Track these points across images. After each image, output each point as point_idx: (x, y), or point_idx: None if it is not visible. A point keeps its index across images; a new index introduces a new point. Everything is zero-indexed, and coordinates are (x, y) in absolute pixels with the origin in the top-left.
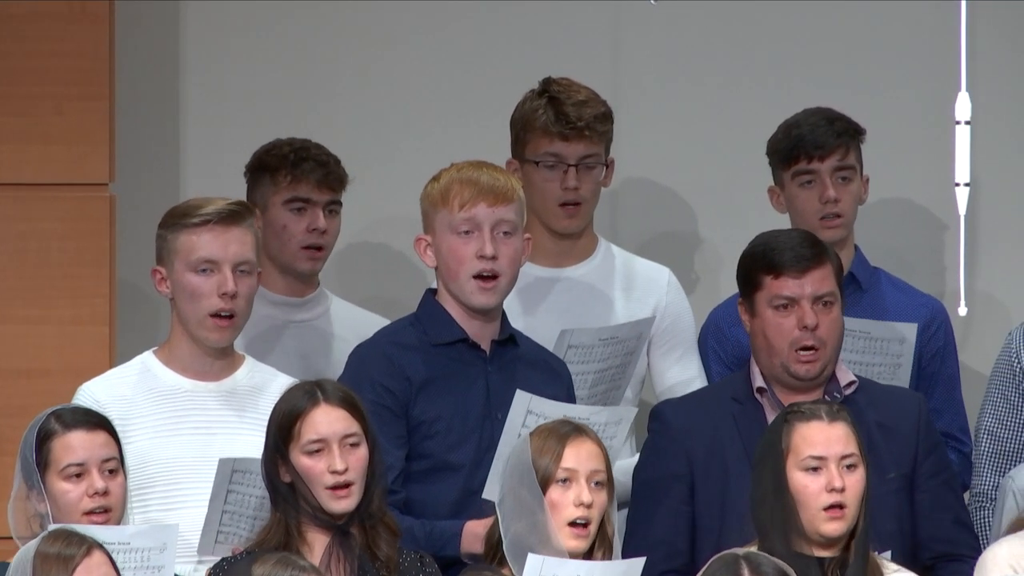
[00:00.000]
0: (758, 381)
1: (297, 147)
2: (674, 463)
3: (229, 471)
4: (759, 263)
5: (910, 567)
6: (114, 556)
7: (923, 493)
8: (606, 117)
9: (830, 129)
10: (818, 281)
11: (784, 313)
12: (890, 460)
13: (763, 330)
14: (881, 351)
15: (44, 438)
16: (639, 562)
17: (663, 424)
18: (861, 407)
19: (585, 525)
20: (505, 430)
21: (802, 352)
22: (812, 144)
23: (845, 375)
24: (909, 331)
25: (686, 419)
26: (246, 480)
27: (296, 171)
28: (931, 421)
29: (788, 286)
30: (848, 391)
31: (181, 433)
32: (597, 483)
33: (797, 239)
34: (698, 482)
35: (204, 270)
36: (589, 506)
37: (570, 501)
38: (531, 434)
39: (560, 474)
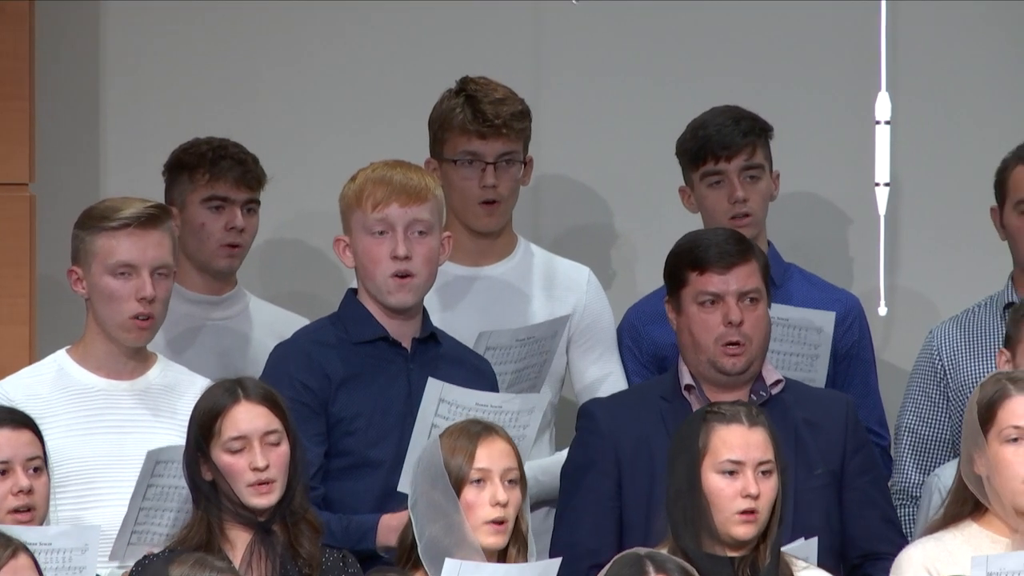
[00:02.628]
0: (686, 379)
1: (215, 146)
2: (602, 460)
3: (152, 464)
4: (685, 260)
5: (837, 564)
6: (36, 556)
7: (851, 491)
8: (524, 115)
9: (736, 129)
10: (744, 278)
11: (709, 309)
12: (818, 456)
13: (689, 327)
14: (799, 340)
15: None
16: (555, 563)
17: (592, 422)
18: (788, 405)
19: (502, 522)
20: (418, 419)
21: (728, 346)
22: (719, 145)
23: (772, 374)
24: (827, 320)
25: (615, 417)
26: (168, 471)
27: (214, 170)
28: (859, 421)
29: (713, 282)
30: (775, 390)
31: (96, 432)
32: (510, 481)
33: (723, 236)
34: (626, 479)
35: (122, 274)
36: (505, 505)
37: (486, 501)
38: (441, 435)
39: (474, 474)
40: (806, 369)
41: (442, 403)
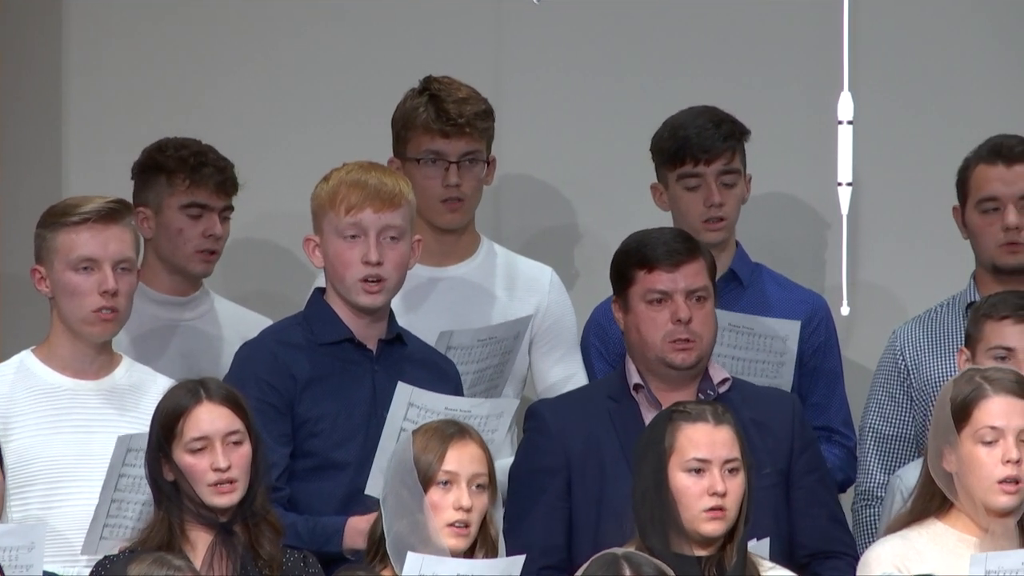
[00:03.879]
0: (634, 378)
1: (195, 151)
2: (551, 460)
3: (124, 450)
4: (632, 258)
5: (786, 563)
6: None
7: (798, 490)
8: (487, 114)
9: (717, 133)
10: (691, 276)
11: (657, 307)
12: (765, 456)
13: (637, 325)
14: (765, 348)
15: None
16: (519, 560)
17: (540, 422)
18: (735, 404)
19: (465, 526)
20: (387, 423)
21: (677, 342)
22: (699, 148)
23: (719, 372)
24: (792, 329)
25: (562, 417)
26: (139, 460)
27: (195, 176)
28: (805, 419)
29: (661, 280)
30: (722, 389)
31: (62, 431)
32: (478, 486)
33: (670, 235)
34: (575, 479)
35: (84, 268)
36: (468, 510)
37: (450, 503)
38: (414, 432)
39: (441, 476)
40: (772, 376)
41: (411, 407)
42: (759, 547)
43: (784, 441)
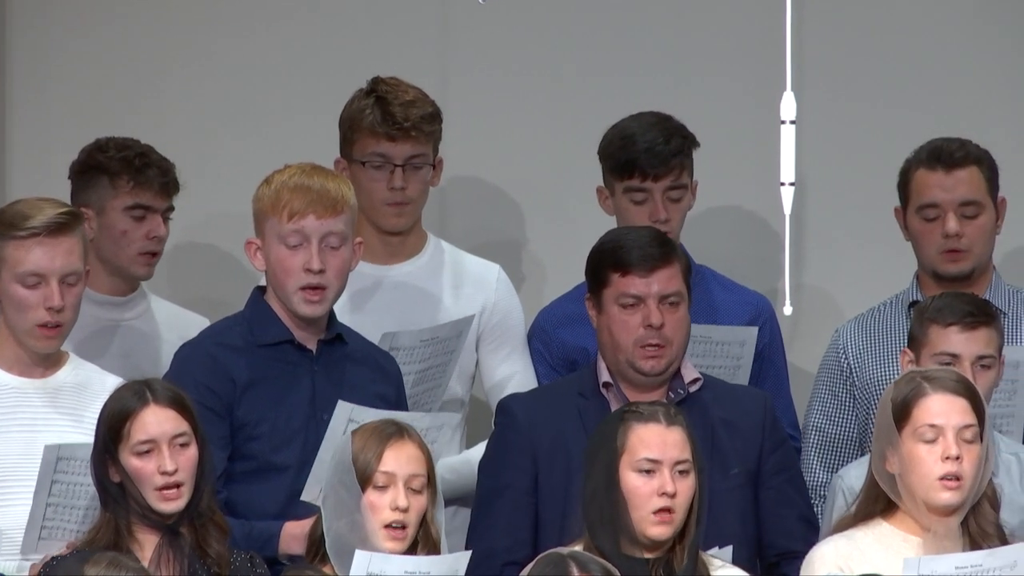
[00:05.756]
0: (604, 376)
1: (138, 152)
2: (519, 456)
3: (54, 459)
4: (607, 260)
5: (753, 563)
6: None
7: (767, 490)
8: (433, 117)
9: (667, 148)
10: (665, 280)
11: (630, 311)
12: (734, 456)
13: (609, 327)
14: (721, 354)
15: None
16: (464, 556)
17: (509, 417)
18: (706, 403)
19: (402, 527)
20: (326, 438)
21: (648, 348)
22: (647, 164)
23: (690, 372)
24: (749, 335)
25: (532, 413)
26: (72, 468)
27: (139, 178)
28: (776, 418)
29: (635, 284)
30: (693, 388)
31: (8, 430)
32: (416, 487)
33: (646, 237)
34: (542, 476)
35: (31, 284)
36: (405, 510)
37: (386, 504)
38: (354, 432)
39: (379, 477)
40: (728, 379)
41: (351, 423)
42: (721, 555)
43: (753, 440)
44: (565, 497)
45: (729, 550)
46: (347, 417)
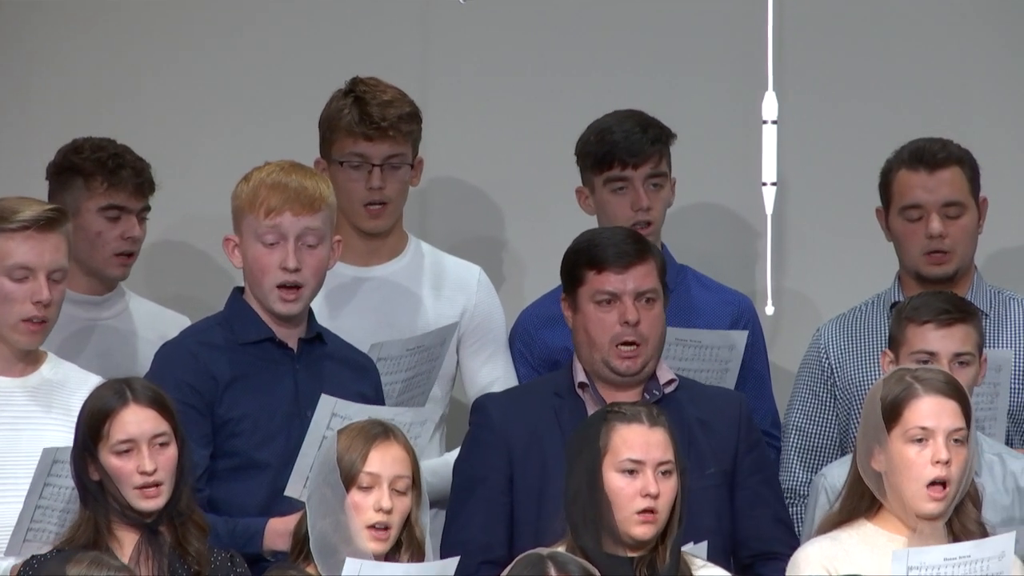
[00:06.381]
0: (580, 376)
1: (112, 152)
2: (494, 455)
3: (50, 462)
4: (582, 258)
5: (728, 564)
6: None
7: (743, 490)
8: (412, 117)
9: (644, 137)
10: (640, 277)
11: (606, 308)
12: (710, 456)
13: (585, 325)
14: (710, 358)
15: None
16: (453, 562)
17: (485, 417)
18: (682, 404)
19: (385, 529)
20: (309, 432)
21: (623, 347)
22: (626, 152)
23: (665, 373)
24: (739, 338)
25: (507, 412)
26: (64, 471)
27: (113, 179)
28: (752, 419)
29: (610, 281)
30: (668, 389)
31: None
32: (400, 488)
33: (621, 236)
34: (517, 475)
35: (19, 276)
36: (389, 512)
37: (370, 505)
38: (339, 432)
39: (363, 478)
40: (715, 383)
41: (335, 417)
42: (696, 550)
43: (729, 441)
44: (540, 497)
45: (704, 546)
46: (330, 411)
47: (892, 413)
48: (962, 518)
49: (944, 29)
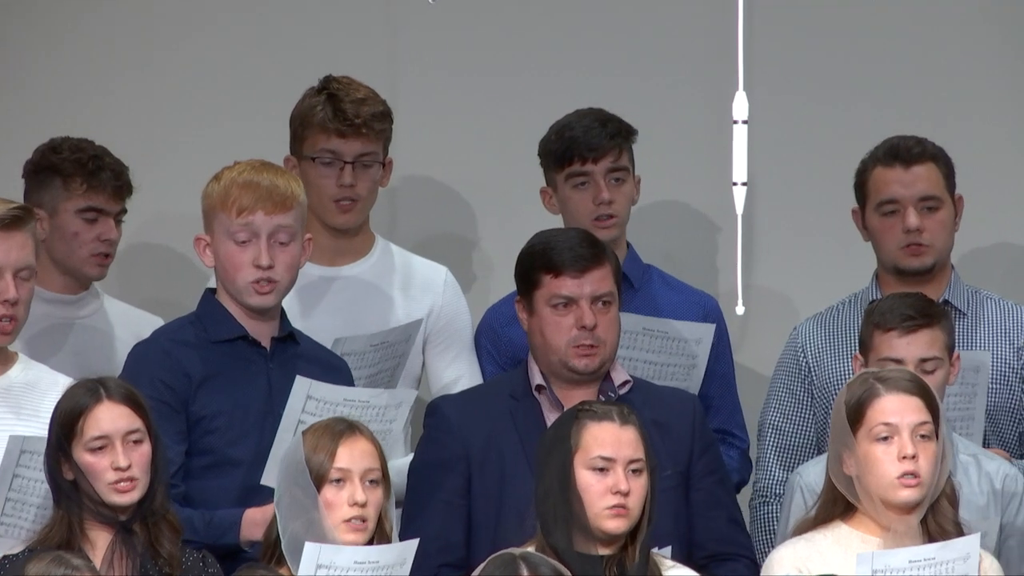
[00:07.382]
0: (536, 379)
1: (92, 154)
2: (450, 457)
3: (18, 450)
4: (538, 262)
5: (686, 561)
6: None
7: (697, 492)
8: (384, 116)
9: (603, 131)
10: (597, 281)
11: (562, 312)
12: (666, 457)
13: (541, 328)
14: (677, 351)
15: None
16: (412, 544)
17: (440, 418)
18: (636, 405)
19: (362, 521)
20: (285, 415)
21: (581, 347)
22: (586, 146)
23: (620, 374)
24: (706, 332)
25: (463, 414)
26: (33, 463)
27: (92, 181)
28: (706, 420)
29: (567, 286)
30: (623, 390)
31: None
32: (371, 481)
33: (576, 239)
34: (474, 477)
35: None
36: (364, 505)
37: (344, 500)
38: (304, 432)
39: (334, 474)
40: (682, 379)
41: (310, 400)
42: (662, 554)
43: (684, 442)
44: (499, 498)
45: (668, 550)
46: (305, 393)
47: (856, 415)
48: (938, 518)
49: (915, 29)
